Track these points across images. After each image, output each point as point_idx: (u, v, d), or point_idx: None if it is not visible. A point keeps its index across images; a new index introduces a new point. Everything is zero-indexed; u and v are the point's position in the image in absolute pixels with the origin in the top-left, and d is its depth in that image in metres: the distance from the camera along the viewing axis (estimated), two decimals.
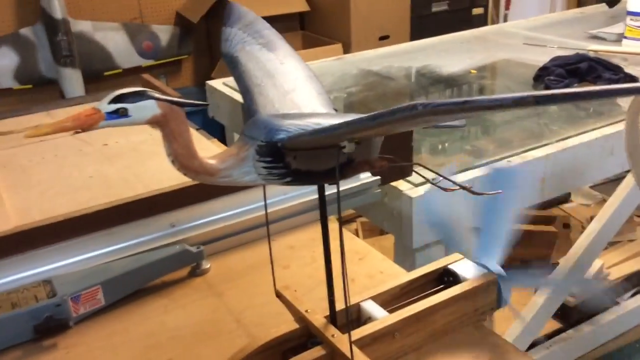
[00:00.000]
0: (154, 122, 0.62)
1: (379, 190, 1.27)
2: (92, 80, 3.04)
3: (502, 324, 1.61)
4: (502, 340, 0.84)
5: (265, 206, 0.84)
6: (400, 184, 1.36)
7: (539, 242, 2.03)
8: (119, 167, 1.43)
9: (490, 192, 0.80)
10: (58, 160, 1.48)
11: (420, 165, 0.80)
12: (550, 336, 1.76)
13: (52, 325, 0.87)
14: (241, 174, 0.66)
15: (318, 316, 0.80)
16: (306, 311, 0.81)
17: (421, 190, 1.33)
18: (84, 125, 0.59)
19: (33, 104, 2.02)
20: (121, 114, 0.60)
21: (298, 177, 0.67)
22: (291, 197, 1.16)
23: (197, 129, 1.62)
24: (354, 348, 0.74)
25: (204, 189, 1.09)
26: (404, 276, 0.90)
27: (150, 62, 3.21)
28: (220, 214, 1.10)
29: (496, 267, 0.90)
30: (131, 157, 1.49)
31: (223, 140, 1.84)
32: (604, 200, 1.93)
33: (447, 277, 0.91)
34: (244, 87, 0.77)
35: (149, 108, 0.61)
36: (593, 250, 1.75)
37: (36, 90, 3.02)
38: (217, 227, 1.08)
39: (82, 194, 1.29)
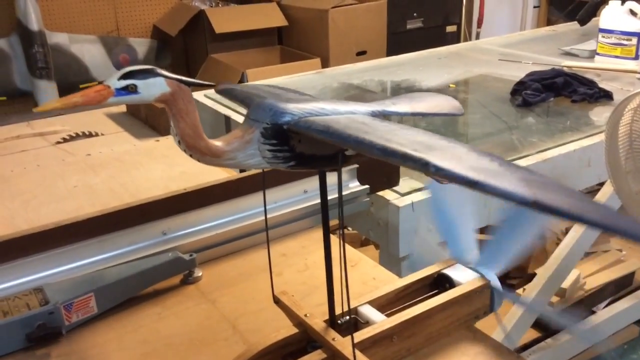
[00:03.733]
0: (162, 101, 0.62)
1: (368, 199, 1.28)
2: (67, 93, 2.99)
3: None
4: (496, 342, 0.86)
5: (265, 207, 0.84)
6: (387, 194, 1.38)
7: None
8: (103, 177, 1.42)
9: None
10: (41, 170, 1.46)
11: None
12: (528, 345, 1.78)
13: (44, 333, 0.86)
14: (246, 157, 0.67)
15: (318, 320, 0.81)
16: (305, 315, 0.82)
17: (407, 199, 1.34)
18: (93, 101, 0.59)
19: (8, 115, 1.99)
20: (130, 90, 0.60)
21: (302, 161, 0.68)
22: (282, 205, 1.17)
23: None
24: (356, 351, 0.74)
25: (196, 197, 1.09)
26: (400, 281, 0.91)
27: None
28: (213, 221, 1.09)
29: (494, 278, 0.91)
30: (115, 167, 1.48)
31: None
32: None
33: (441, 282, 0.92)
34: (244, 96, 0.77)
35: (158, 85, 0.61)
36: (570, 260, 1.79)
37: (10, 102, 2.97)
38: (209, 235, 1.08)
39: (67, 204, 1.28)
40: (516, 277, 2.00)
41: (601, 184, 1.83)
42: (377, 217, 1.40)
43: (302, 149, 0.68)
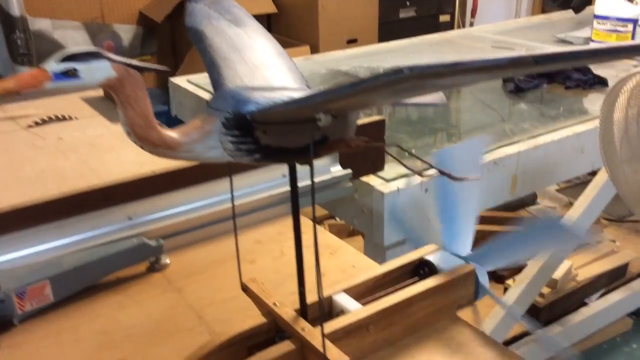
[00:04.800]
0: (107, 87, 0.56)
1: (350, 184, 1.22)
2: None
3: None
4: (480, 333, 0.80)
5: (232, 189, 0.78)
6: (372, 179, 1.31)
7: None
8: (74, 161, 1.35)
9: (470, 177, 0.76)
10: (8, 154, 1.39)
11: (396, 145, 0.75)
12: (519, 337, 1.73)
13: None
14: (205, 149, 0.61)
15: (287, 309, 0.74)
16: (274, 304, 0.76)
17: (393, 185, 1.28)
18: (27, 86, 0.53)
19: None
20: (71, 75, 0.54)
21: (268, 154, 0.62)
22: (258, 190, 1.11)
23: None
24: (327, 342, 0.68)
25: (165, 180, 1.02)
26: (379, 268, 0.85)
27: None
28: (182, 206, 1.03)
29: (467, 251, 0.85)
30: (87, 151, 1.41)
31: None
32: (570, 204, 1.92)
33: (423, 269, 0.86)
34: (210, 61, 0.71)
35: (102, 70, 0.55)
36: (562, 250, 1.74)
37: None
38: (178, 221, 1.01)
39: (33, 188, 1.21)
40: (506, 268, 1.95)
41: (594, 173, 1.77)
42: (361, 204, 1.34)
43: (268, 140, 0.62)
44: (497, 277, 1.90)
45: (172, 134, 0.60)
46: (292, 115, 0.60)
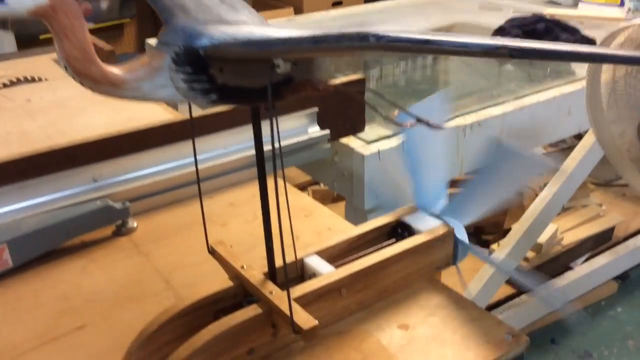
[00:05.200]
0: (38, 14, 0.50)
1: (328, 145, 1.18)
2: (27, 44, 2.84)
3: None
4: (458, 295, 0.76)
5: (194, 147, 0.73)
6: (352, 141, 1.27)
7: None
8: (42, 124, 1.30)
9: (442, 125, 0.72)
10: None
11: (374, 92, 0.70)
12: (503, 301, 1.72)
13: None
14: (154, 87, 0.56)
15: (255, 272, 0.71)
16: (242, 267, 0.72)
17: (374, 147, 1.24)
18: None
19: None
20: None
21: (225, 95, 0.57)
22: (232, 152, 1.06)
23: None
24: (295, 306, 0.65)
25: (132, 140, 0.98)
26: (354, 230, 0.81)
27: (90, 26, 3.01)
28: (149, 168, 0.98)
29: (460, 229, 0.82)
30: (57, 113, 1.36)
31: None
32: (557, 169, 1.89)
33: (400, 230, 0.82)
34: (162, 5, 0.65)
35: None
36: (547, 214, 1.71)
37: None
38: (145, 183, 0.97)
39: None
40: (491, 232, 1.92)
41: (580, 137, 1.74)
42: (342, 167, 1.30)
43: (225, 79, 0.57)
44: (482, 242, 1.88)
45: (115, 70, 0.55)
46: (248, 56, 0.55)
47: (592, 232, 1.91)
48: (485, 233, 1.89)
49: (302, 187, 2.33)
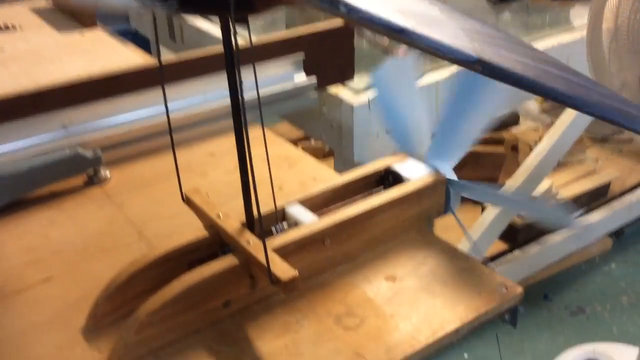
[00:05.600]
0: None
1: (316, 94, 1.12)
2: None
3: None
4: (449, 245, 0.72)
5: (164, 91, 0.67)
6: (340, 91, 1.21)
7: (486, 163, 1.94)
8: (13, 72, 1.23)
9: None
10: None
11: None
12: (496, 257, 1.69)
13: None
14: None
15: (232, 221, 0.66)
16: (218, 216, 0.67)
17: (363, 97, 1.18)
18: None
19: None
20: None
21: (187, 2, 0.50)
22: (212, 99, 1.00)
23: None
24: (274, 256, 0.60)
25: (104, 84, 0.91)
26: (339, 178, 0.76)
27: None
28: (123, 115, 0.93)
29: (449, 172, 0.77)
30: (30, 61, 1.29)
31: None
32: (553, 123, 1.84)
33: (389, 179, 0.77)
34: None
35: None
36: (542, 169, 1.67)
37: None
38: (119, 131, 0.91)
39: None
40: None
41: None
42: (330, 118, 1.25)
43: None
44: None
45: None
46: None
47: (587, 188, 1.87)
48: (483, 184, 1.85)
49: (293, 144, 2.27)
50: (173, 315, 0.59)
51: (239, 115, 0.64)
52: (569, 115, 1.69)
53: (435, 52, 0.40)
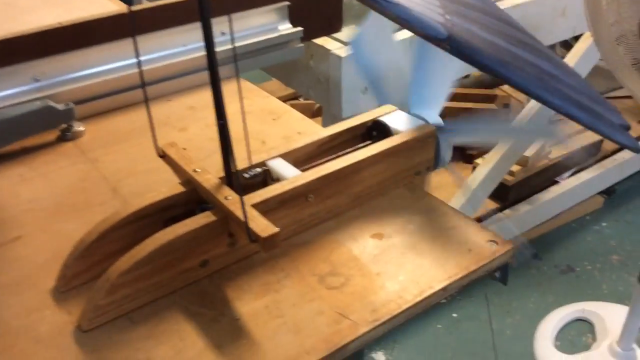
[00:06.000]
0: None
1: (301, 45, 1.07)
2: None
3: None
4: (438, 201, 0.69)
5: (135, 40, 0.62)
6: (328, 42, 1.16)
7: None
8: None
9: None
10: None
11: None
12: (487, 216, 1.67)
13: None
14: None
15: (210, 176, 0.62)
16: (195, 171, 0.63)
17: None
18: None
19: None
20: None
21: None
22: (193, 49, 0.95)
23: None
24: (254, 212, 0.57)
25: (78, 34, 0.86)
26: (324, 131, 0.73)
27: None
28: (100, 66, 0.88)
29: (435, 118, 0.74)
30: (3, 12, 1.22)
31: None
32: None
33: (376, 131, 0.74)
34: None
35: None
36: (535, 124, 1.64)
37: None
38: (93, 83, 0.86)
39: None
40: (475, 147, 1.85)
41: (569, 47, 1.64)
42: (317, 72, 1.20)
43: None
44: (466, 157, 1.81)
45: None
46: None
47: (579, 145, 1.85)
48: (469, 147, 1.82)
49: (290, 98, 2.23)
50: (146, 276, 0.56)
51: (213, 66, 0.60)
52: None
53: (406, 24, 0.37)
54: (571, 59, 1.63)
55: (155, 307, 0.56)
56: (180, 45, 0.95)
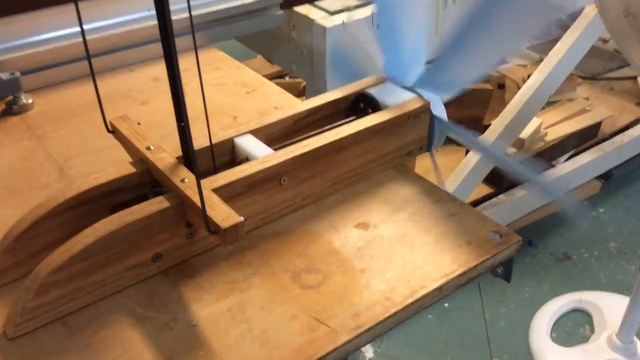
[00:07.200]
0: None
1: (281, 12, 0.97)
2: None
3: None
4: (433, 186, 0.60)
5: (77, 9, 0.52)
6: (311, 12, 1.07)
7: (471, 101, 1.81)
8: None
9: None
10: None
11: None
12: (480, 201, 1.58)
13: None
14: None
15: (165, 154, 0.53)
16: (148, 148, 0.54)
17: (337, 19, 1.04)
18: None
19: None
20: None
21: None
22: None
23: None
24: (214, 198, 0.48)
25: None
26: (301, 105, 0.63)
27: None
28: (50, 32, 0.78)
29: (439, 105, 0.65)
30: None
31: None
32: (542, 60, 1.71)
33: (363, 106, 0.65)
34: None
35: None
36: (531, 108, 1.55)
37: None
38: (42, 50, 0.76)
39: None
40: (470, 128, 1.76)
41: (565, 28, 1.56)
42: (300, 45, 1.11)
43: None
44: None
45: None
46: None
47: (577, 128, 1.76)
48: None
49: (280, 75, 2.13)
50: (85, 273, 0.47)
51: (167, 32, 0.50)
52: (558, 51, 1.56)
53: None
54: (569, 37, 1.55)
55: (95, 310, 0.48)
56: (145, 9, 0.85)
